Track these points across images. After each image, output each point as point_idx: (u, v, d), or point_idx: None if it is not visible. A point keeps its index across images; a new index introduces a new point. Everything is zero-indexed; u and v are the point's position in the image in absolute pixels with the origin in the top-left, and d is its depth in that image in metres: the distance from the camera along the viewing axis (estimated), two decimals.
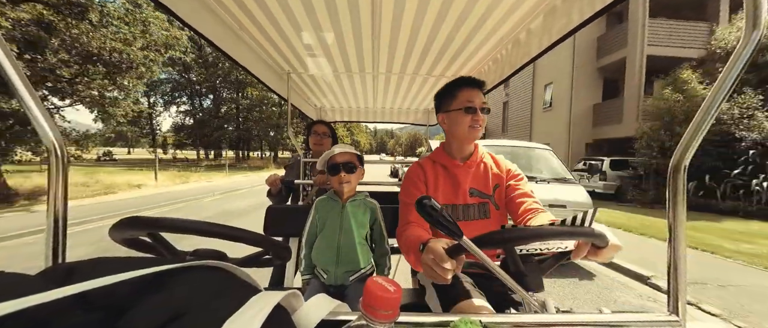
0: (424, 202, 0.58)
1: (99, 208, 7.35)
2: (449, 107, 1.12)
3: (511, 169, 1.19)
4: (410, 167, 1.23)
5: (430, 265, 0.67)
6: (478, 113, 1.07)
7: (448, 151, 1.20)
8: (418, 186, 1.14)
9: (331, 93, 3.00)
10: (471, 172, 1.15)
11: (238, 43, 1.64)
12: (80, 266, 0.35)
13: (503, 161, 1.22)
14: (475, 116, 1.07)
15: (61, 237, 0.61)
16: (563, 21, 1.18)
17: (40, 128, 0.58)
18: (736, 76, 0.49)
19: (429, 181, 1.15)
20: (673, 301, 0.55)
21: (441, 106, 1.18)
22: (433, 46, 1.77)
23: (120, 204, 7.91)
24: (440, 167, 1.18)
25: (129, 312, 0.30)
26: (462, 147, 1.16)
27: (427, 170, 1.17)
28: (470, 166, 1.16)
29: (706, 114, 0.52)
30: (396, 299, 0.36)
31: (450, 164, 1.16)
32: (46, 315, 0.27)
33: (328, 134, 2.23)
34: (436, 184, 1.14)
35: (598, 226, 0.67)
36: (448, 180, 1.15)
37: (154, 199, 8.95)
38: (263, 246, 0.76)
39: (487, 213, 1.13)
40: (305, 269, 1.37)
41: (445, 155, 1.19)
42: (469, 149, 1.18)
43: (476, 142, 1.19)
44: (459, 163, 1.15)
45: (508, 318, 0.54)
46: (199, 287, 0.36)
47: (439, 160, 1.19)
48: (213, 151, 29.60)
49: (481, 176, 1.16)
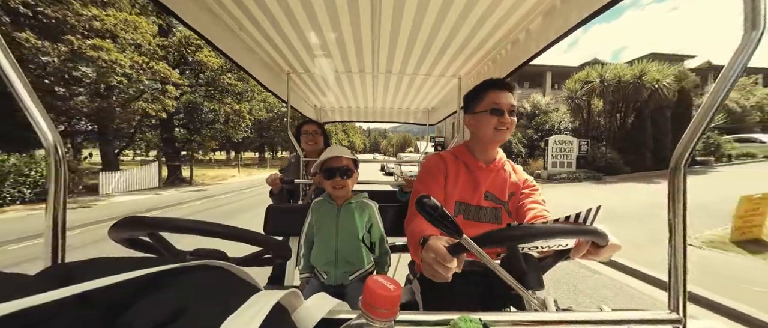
0: (423, 201, 0.58)
1: (228, 187, 13.87)
2: (476, 109, 1.11)
3: (527, 179, 1.18)
4: (430, 157, 1.20)
5: (430, 263, 0.66)
6: (505, 115, 1.05)
7: (471, 151, 1.17)
8: (437, 179, 1.11)
9: (331, 93, 3.00)
10: (491, 176, 1.14)
11: (237, 44, 1.64)
12: (79, 266, 0.35)
13: (521, 171, 1.21)
14: (502, 118, 1.05)
15: (61, 237, 0.61)
16: (561, 21, 1.18)
17: (40, 129, 0.58)
18: (736, 76, 0.49)
19: (449, 175, 1.13)
20: (674, 299, 0.55)
21: (468, 108, 1.17)
22: (432, 46, 1.77)
23: (236, 185, 14.48)
24: (462, 164, 1.16)
25: (128, 312, 0.30)
26: (486, 150, 1.14)
27: (449, 164, 1.15)
28: (491, 170, 1.14)
29: (705, 114, 0.52)
30: (396, 298, 0.36)
31: (473, 165, 1.14)
32: (44, 316, 0.27)
33: (318, 132, 2.23)
34: (456, 179, 1.12)
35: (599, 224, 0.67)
36: (469, 179, 1.14)
37: (246, 184, 14.88)
38: (263, 245, 0.76)
39: (498, 219, 1.12)
40: (304, 268, 1.37)
41: (468, 155, 1.16)
42: (493, 154, 1.15)
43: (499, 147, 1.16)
44: (482, 165, 1.14)
45: (508, 316, 0.54)
46: (198, 286, 0.36)
47: (462, 158, 1.17)
48: (235, 153, 36.02)
49: (500, 183, 1.15)
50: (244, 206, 8.82)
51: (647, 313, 0.54)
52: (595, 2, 1.00)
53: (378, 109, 3.72)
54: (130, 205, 9.03)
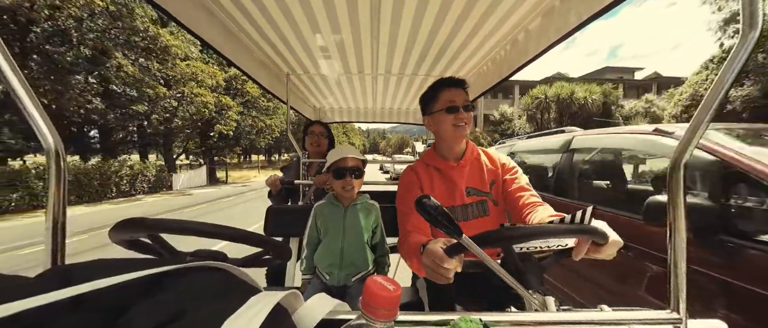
0: (423, 201, 0.58)
1: (257, 184, 16.84)
2: (433, 109, 1.11)
3: (505, 163, 1.17)
4: (403, 172, 1.20)
5: (430, 266, 0.67)
6: (461, 112, 1.05)
7: (439, 153, 1.17)
8: (413, 192, 1.10)
9: (331, 94, 3.00)
10: (466, 171, 1.13)
11: (236, 45, 1.64)
12: (79, 268, 0.35)
13: (496, 155, 1.20)
14: (458, 115, 1.05)
15: (60, 239, 0.61)
16: (561, 22, 1.19)
17: (40, 132, 0.58)
18: (734, 76, 0.50)
19: (424, 185, 1.13)
20: (674, 298, 0.55)
21: (425, 109, 1.17)
22: (432, 47, 1.77)
23: (261, 182, 16.15)
24: (434, 169, 1.16)
25: (128, 313, 0.30)
26: (451, 147, 1.14)
27: (421, 174, 1.15)
28: (464, 165, 1.13)
29: (704, 115, 0.52)
30: (396, 298, 0.36)
31: (444, 166, 1.13)
32: (44, 317, 0.27)
33: (325, 135, 2.23)
34: (431, 187, 1.12)
35: (597, 223, 0.67)
36: (444, 182, 1.13)
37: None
38: (263, 246, 0.76)
39: (486, 210, 1.12)
40: (306, 269, 1.37)
41: (437, 157, 1.16)
42: (459, 148, 1.15)
43: (467, 139, 1.16)
44: (452, 163, 1.13)
45: (508, 316, 0.54)
46: (198, 287, 0.36)
47: (432, 163, 1.16)
48: (245, 156, 41.83)
49: (477, 174, 1.14)
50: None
51: (647, 313, 0.54)
52: (595, 4, 1.00)
53: (378, 109, 3.72)
54: (207, 195, 12.90)
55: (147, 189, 13.46)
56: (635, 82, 34.83)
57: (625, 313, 0.55)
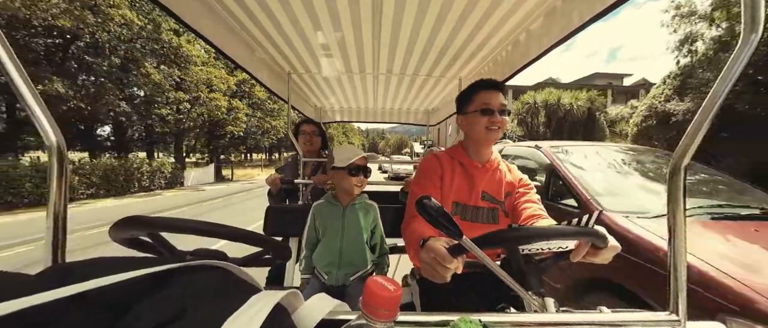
0: (424, 202, 0.58)
1: (261, 182, 15.87)
2: (467, 109, 1.11)
3: (522, 178, 1.19)
4: (426, 157, 1.20)
5: (429, 263, 0.66)
6: (495, 115, 1.05)
7: (466, 151, 1.18)
8: (433, 180, 1.11)
9: (332, 93, 3.00)
10: (487, 176, 1.14)
11: (238, 44, 1.64)
12: (79, 266, 0.35)
13: (516, 170, 1.21)
14: (492, 118, 1.05)
15: (61, 237, 0.61)
16: (563, 23, 1.18)
17: (42, 129, 0.58)
18: (735, 78, 0.49)
19: (445, 175, 1.12)
20: (673, 300, 0.55)
21: (460, 109, 1.17)
22: (433, 47, 1.77)
23: (262, 182, 15.34)
24: (458, 163, 1.16)
25: (129, 312, 0.30)
26: (479, 150, 1.14)
27: (445, 164, 1.14)
28: (487, 170, 1.14)
29: (704, 116, 0.52)
30: (396, 298, 0.36)
31: (468, 164, 1.14)
32: (45, 316, 0.27)
33: (316, 133, 2.24)
34: (452, 179, 1.12)
35: (598, 228, 0.67)
36: (465, 179, 1.13)
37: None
38: (263, 246, 0.76)
39: (496, 219, 1.12)
40: (305, 268, 1.37)
41: (464, 154, 1.16)
42: (486, 153, 1.15)
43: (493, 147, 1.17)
44: (477, 164, 1.14)
45: (508, 317, 0.54)
46: (199, 286, 0.36)
47: (458, 158, 1.16)
48: (246, 155, 42.80)
49: (496, 182, 1.15)
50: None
51: (646, 314, 0.54)
52: (597, 4, 1.00)
53: (379, 109, 3.72)
54: (218, 191, 13.60)
55: (164, 185, 14.60)
56: (623, 88, 34.92)
57: (625, 315, 0.55)
